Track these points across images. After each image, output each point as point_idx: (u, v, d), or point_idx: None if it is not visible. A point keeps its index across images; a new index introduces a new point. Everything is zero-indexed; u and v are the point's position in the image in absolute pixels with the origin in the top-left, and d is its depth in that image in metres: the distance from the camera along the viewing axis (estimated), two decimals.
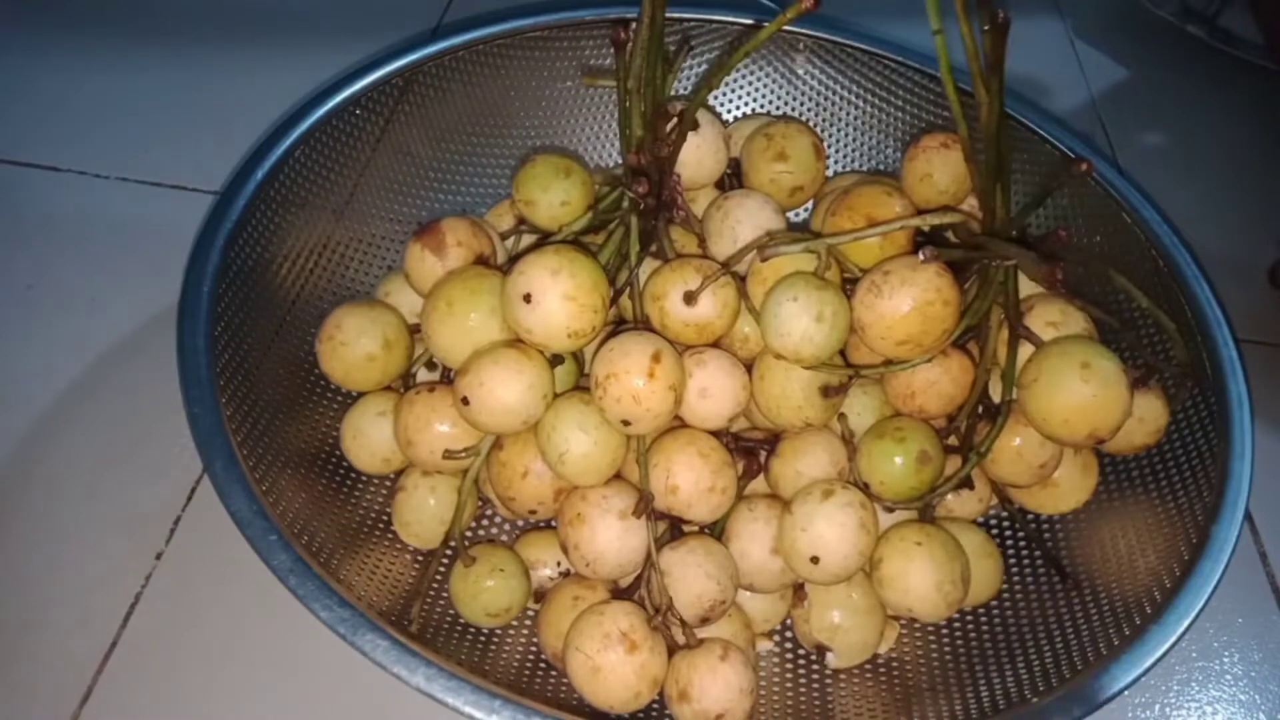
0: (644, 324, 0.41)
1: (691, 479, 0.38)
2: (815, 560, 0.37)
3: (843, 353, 0.42)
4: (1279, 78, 0.71)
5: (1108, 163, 0.48)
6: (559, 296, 0.36)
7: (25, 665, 0.42)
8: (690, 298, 0.39)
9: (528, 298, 0.36)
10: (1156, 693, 0.43)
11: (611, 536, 0.37)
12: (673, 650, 0.37)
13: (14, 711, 0.41)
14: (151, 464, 0.47)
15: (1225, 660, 0.44)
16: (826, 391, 0.40)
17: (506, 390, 0.37)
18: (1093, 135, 0.69)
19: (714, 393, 0.39)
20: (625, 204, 0.42)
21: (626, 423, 0.37)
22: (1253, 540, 0.48)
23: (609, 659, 0.35)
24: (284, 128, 0.46)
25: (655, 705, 0.38)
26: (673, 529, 0.40)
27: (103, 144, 0.62)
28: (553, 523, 0.42)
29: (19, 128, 0.62)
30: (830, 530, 0.37)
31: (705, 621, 0.38)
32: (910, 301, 0.37)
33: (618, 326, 0.42)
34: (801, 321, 0.37)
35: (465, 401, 0.37)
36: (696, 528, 0.41)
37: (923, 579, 0.37)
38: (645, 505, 0.37)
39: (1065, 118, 0.70)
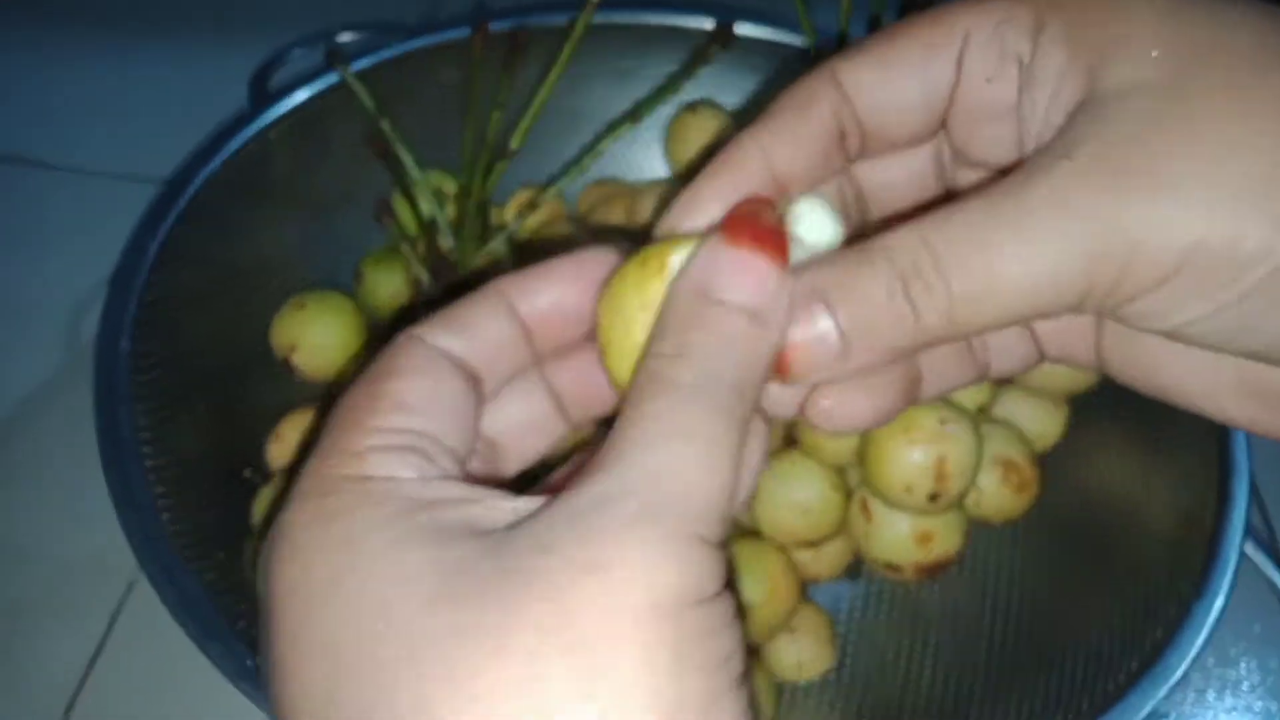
0: None
1: None
2: None
3: None
4: None
5: None
6: None
7: (11, 666, 0.42)
8: None
9: None
10: (1172, 703, 0.42)
11: None
12: None
13: (1, 711, 0.40)
14: None
15: (1242, 668, 0.43)
16: None
17: None
18: None
19: None
20: None
21: None
22: (1270, 544, 0.47)
23: None
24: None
25: None
26: None
27: (101, 142, 0.61)
28: None
29: (15, 125, 0.62)
30: None
31: None
32: None
33: None
34: None
35: None
36: None
37: None
38: None
39: None
